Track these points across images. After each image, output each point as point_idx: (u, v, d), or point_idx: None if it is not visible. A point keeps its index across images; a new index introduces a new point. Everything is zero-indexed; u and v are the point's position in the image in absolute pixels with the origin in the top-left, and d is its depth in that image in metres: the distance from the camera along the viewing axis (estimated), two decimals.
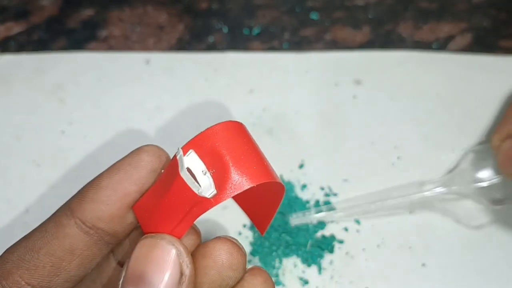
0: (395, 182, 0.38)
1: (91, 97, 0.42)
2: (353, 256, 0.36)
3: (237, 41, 0.45)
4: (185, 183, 0.20)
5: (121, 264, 0.25)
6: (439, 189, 0.36)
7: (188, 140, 0.22)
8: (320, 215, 0.36)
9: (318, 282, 0.35)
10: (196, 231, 0.24)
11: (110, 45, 0.44)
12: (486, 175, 0.35)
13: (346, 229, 0.37)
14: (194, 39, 0.45)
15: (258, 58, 0.44)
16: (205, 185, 0.21)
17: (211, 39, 0.45)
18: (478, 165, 0.36)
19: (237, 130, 0.22)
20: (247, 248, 0.36)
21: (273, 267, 0.35)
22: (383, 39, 0.45)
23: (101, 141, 0.40)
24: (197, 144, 0.22)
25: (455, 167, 0.38)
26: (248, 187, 0.21)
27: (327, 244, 0.36)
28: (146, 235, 0.22)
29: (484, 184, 0.35)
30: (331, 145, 0.40)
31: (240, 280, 0.23)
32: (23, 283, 0.21)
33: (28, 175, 0.38)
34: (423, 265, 0.35)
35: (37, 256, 0.21)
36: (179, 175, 0.21)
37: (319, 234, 0.36)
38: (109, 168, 0.23)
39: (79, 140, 0.40)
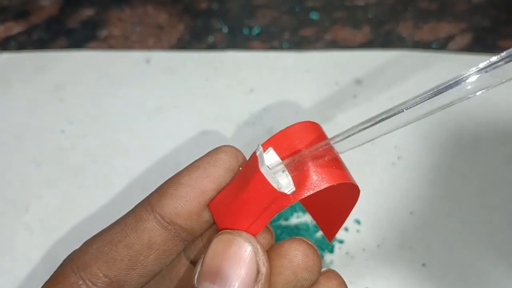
0: (395, 182, 0.38)
1: (91, 96, 0.42)
2: (353, 256, 0.36)
3: (237, 41, 0.45)
4: (265, 179, 0.20)
5: (193, 262, 0.25)
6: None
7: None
8: None
9: None
10: (270, 230, 0.23)
11: (110, 45, 0.44)
12: None
13: (346, 229, 0.37)
14: (194, 39, 0.45)
15: (258, 58, 0.44)
16: (284, 183, 0.21)
17: (211, 39, 0.45)
18: None
19: (315, 130, 0.23)
20: None
21: None
22: (383, 39, 0.45)
23: (101, 140, 0.40)
24: (276, 142, 0.22)
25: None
26: (327, 185, 0.21)
27: (327, 244, 0.36)
28: (222, 231, 0.22)
29: None
30: None
31: (314, 282, 0.23)
32: (100, 275, 0.21)
33: (28, 175, 0.38)
34: (423, 265, 0.35)
35: (116, 249, 0.22)
36: (259, 171, 0.21)
37: (319, 234, 0.36)
38: (189, 166, 0.23)
39: (79, 139, 0.40)
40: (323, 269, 0.23)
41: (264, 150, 0.21)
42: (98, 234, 0.23)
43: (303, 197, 0.20)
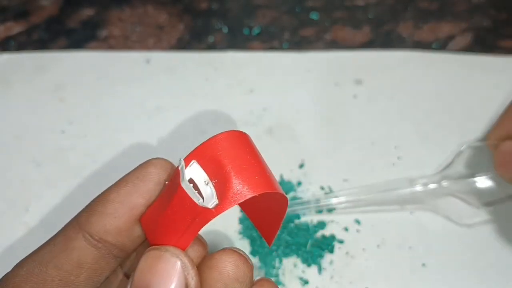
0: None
1: (91, 97, 0.42)
2: (353, 256, 0.36)
3: (237, 41, 0.45)
4: (186, 194, 0.20)
5: (128, 277, 0.25)
6: (431, 186, 0.36)
7: (192, 148, 0.22)
8: (308, 206, 0.36)
9: (318, 282, 0.35)
10: (202, 242, 0.23)
11: (110, 45, 0.44)
12: (479, 174, 0.35)
13: (346, 229, 0.37)
14: (194, 39, 0.45)
15: (258, 58, 0.44)
16: (207, 196, 0.21)
17: (211, 39, 0.45)
18: (472, 163, 0.36)
19: (240, 139, 0.22)
20: (247, 248, 0.36)
21: (273, 267, 0.35)
22: (383, 39, 0.45)
23: (101, 140, 0.40)
24: (200, 154, 0.22)
25: (448, 164, 0.37)
26: (250, 196, 0.20)
27: (327, 244, 0.36)
28: (150, 247, 0.22)
29: (476, 181, 0.35)
30: (331, 145, 0.40)
31: None
32: None
33: (28, 175, 0.38)
34: (423, 265, 0.35)
35: (46, 270, 0.21)
36: (180, 186, 0.21)
37: (319, 234, 0.36)
38: (117, 182, 0.23)
39: (79, 139, 0.40)
40: (257, 278, 0.23)
41: (188, 163, 0.21)
42: (28, 256, 0.22)
43: (226, 209, 0.20)
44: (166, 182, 0.22)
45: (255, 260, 0.35)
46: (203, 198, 0.21)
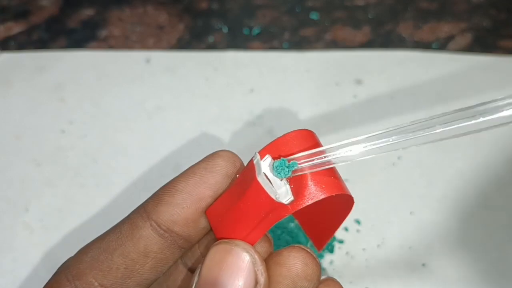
0: (395, 182, 0.38)
1: (91, 96, 0.42)
2: (353, 256, 0.36)
3: (237, 41, 0.45)
4: (262, 188, 0.20)
5: (190, 270, 0.25)
6: None
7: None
8: None
9: None
10: (268, 238, 0.23)
11: (110, 45, 0.44)
12: None
13: (346, 229, 0.37)
14: (194, 39, 0.45)
15: (258, 58, 0.44)
16: (282, 191, 0.20)
17: (211, 39, 0.45)
18: None
19: (311, 138, 0.22)
20: None
21: None
22: (383, 39, 0.45)
23: (101, 140, 0.40)
24: (274, 149, 0.21)
25: None
26: (325, 196, 0.20)
27: (327, 244, 0.36)
28: (219, 240, 0.21)
29: None
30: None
31: None
32: (96, 284, 0.21)
33: (28, 174, 0.38)
34: (423, 265, 0.35)
35: (111, 258, 0.21)
36: (256, 179, 0.20)
37: None
38: (185, 172, 0.22)
39: (79, 139, 0.40)
40: (323, 277, 0.23)
41: (261, 158, 0.21)
42: (93, 242, 0.22)
43: (301, 207, 0.20)
44: (237, 175, 0.22)
45: None
46: (277, 193, 0.20)
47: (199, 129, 0.40)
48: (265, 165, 0.21)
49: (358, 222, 0.37)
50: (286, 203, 0.20)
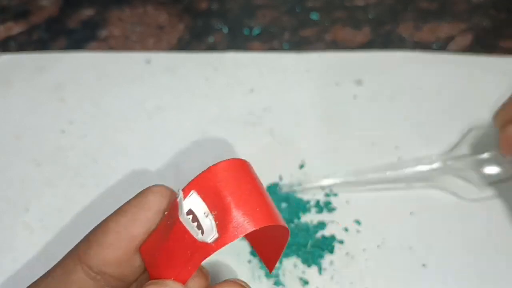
0: (395, 182, 0.38)
1: (91, 97, 0.42)
2: (353, 257, 0.36)
3: (237, 41, 0.45)
4: (185, 228, 0.20)
5: None
6: (436, 164, 0.35)
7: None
8: (310, 185, 0.36)
9: (319, 282, 0.35)
10: (203, 273, 0.23)
11: (110, 45, 0.44)
12: (484, 153, 0.35)
13: (346, 229, 0.37)
14: (194, 39, 0.45)
15: (258, 58, 0.44)
16: (207, 228, 0.20)
17: (211, 39, 0.45)
18: (477, 144, 0.35)
19: (240, 168, 0.22)
20: (248, 248, 0.36)
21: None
22: (383, 39, 0.45)
23: (101, 140, 0.40)
24: (199, 184, 0.21)
25: (455, 145, 0.37)
26: (251, 230, 0.20)
27: (327, 245, 0.36)
28: (150, 281, 0.21)
29: (480, 160, 0.35)
30: (331, 145, 0.40)
31: None
32: None
33: (28, 175, 0.38)
34: (424, 265, 0.35)
35: None
36: (179, 219, 0.20)
37: (319, 234, 0.36)
38: (116, 211, 0.22)
39: (79, 139, 0.40)
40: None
41: (187, 194, 0.21)
42: (30, 286, 0.22)
43: (226, 244, 0.20)
44: (166, 212, 0.22)
45: (255, 261, 0.35)
46: (202, 231, 0.20)
47: (199, 129, 0.40)
48: (189, 202, 0.20)
49: (358, 222, 0.37)
50: (210, 241, 0.20)
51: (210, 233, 0.20)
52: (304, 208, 0.37)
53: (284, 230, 0.22)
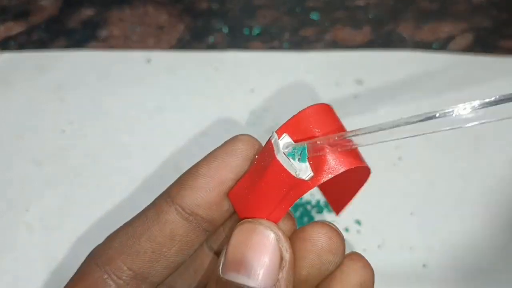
0: (396, 182, 0.38)
1: (91, 96, 0.42)
2: None
3: (237, 41, 0.45)
4: (282, 166, 0.20)
5: (216, 252, 0.25)
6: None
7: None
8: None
9: None
10: (291, 216, 0.23)
11: (110, 45, 0.44)
12: None
13: (346, 230, 0.37)
14: (194, 39, 0.45)
15: (259, 58, 0.44)
16: (302, 168, 0.21)
17: (211, 39, 0.45)
18: None
19: (328, 112, 0.22)
20: None
21: None
22: (384, 39, 0.45)
23: (101, 140, 0.40)
24: (291, 127, 0.22)
25: None
26: (344, 170, 0.21)
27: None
28: (243, 220, 0.22)
29: None
30: None
31: (339, 265, 0.23)
32: (125, 268, 0.21)
33: (29, 174, 0.38)
34: (424, 265, 0.35)
35: (139, 242, 0.22)
36: (275, 158, 0.21)
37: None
38: (206, 157, 0.23)
39: (79, 139, 0.40)
40: (347, 252, 0.23)
41: (279, 137, 0.21)
42: (120, 228, 0.23)
43: (321, 182, 0.20)
44: (256, 156, 0.22)
45: None
46: (296, 170, 0.21)
47: (199, 129, 0.40)
48: (283, 143, 0.21)
49: (358, 222, 0.37)
50: (306, 179, 0.20)
51: (305, 172, 0.21)
52: (305, 208, 0.37)
53: (366, 172, 0.23)
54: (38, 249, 0.36)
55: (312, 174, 0.21)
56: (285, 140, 0.21)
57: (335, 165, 0.21)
